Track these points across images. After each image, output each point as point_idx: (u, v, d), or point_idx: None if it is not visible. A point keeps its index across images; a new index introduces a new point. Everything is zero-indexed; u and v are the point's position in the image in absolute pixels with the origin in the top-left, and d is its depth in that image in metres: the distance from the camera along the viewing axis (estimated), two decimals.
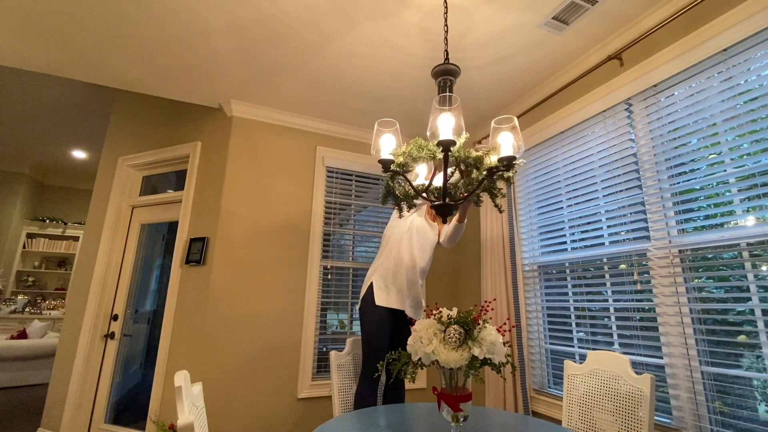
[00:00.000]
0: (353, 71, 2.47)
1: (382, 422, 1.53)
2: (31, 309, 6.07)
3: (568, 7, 1.88)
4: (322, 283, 2.96)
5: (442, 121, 1.35)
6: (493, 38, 2.11)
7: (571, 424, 1.77)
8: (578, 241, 2.27)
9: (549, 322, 2.44)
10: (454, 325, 1.23)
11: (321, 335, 2.90)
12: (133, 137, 3.38)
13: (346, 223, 3.27)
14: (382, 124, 1.45)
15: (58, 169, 6.25)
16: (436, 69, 1.59)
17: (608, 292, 2.07)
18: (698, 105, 1.73)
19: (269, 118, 3.01)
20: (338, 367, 2.16)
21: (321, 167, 3.12)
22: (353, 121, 3.17)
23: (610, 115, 2.14)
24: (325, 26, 2.08)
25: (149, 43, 2.24)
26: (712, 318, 1.65)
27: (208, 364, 2.49)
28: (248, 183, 2.87)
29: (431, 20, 1.98)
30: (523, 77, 2.49)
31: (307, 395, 2.71)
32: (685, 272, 1.74)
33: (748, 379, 1.50)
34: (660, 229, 1.83)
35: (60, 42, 2.24)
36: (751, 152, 1.55)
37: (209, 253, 2.69)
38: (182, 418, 1.11)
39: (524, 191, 2.70)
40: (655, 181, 1.87)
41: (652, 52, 1.92)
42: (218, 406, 2.47)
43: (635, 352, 1.91)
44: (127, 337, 3.09)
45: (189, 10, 1.96)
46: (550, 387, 2.40)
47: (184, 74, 2.56)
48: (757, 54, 1.55)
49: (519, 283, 2.54)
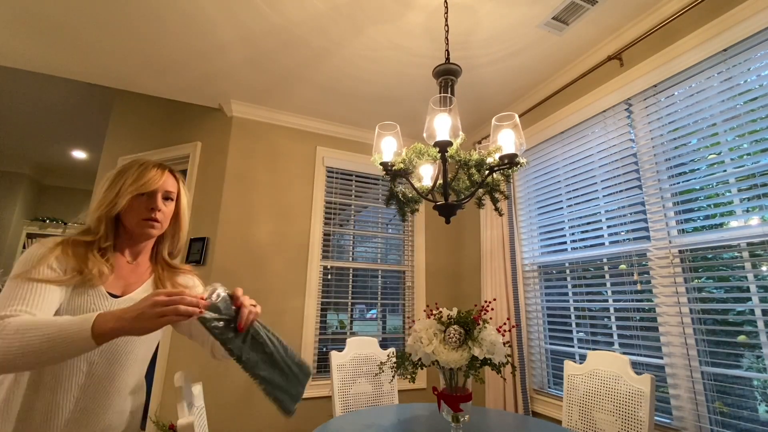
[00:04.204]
0: (361, 74, 2.50)
1: (382, 422, 1.53)
2: None
3: (568, 7, 1.88)
4: (322, 283, 2.96)
5: (438, 122, 1.35)
6: (497, 36, 2.11)
7: (571, 424, 1.77)
8: (578, 241, 2.27)
9: (549, 322, 2.44)
10: (454, 326, 1.23)
11: (321, 335, 2.90)
12: (133, 137, 3.38)
13: (346, 223, 3.27)
14: (383, 128, 1.45)
15: (58, 169, 6.24)
16: (437, 69, 1.59)
17: (608, 292, 2.07)
18: (698, 105, 1.73)
19: (269, 118, 3.01)
20: (338, 367, 2.16)
21: (321, 167, 3.12)
22: (354, 122, 3.18)
23: (610, 115, 2.14)
24: (332, 33, 2.11)
25: (149, 43, 2.24)
26: (712, 318, 1.65)
27: (208, 365, 2.49)
28: (248, 183, 2.87)
29: (436, 20, 1.99)
30: (524, 77, 2.49)
31: (307, 395, 2.71)
32: (685, 272, 1.74)
33: (748, 379, 1.50)
34: (660, 229, 1.83)
35: (60, 42, 2.24)
36: (751, 152, 1.55)
37: (209, 253, 2.69)
38: (182, 418, 1.11)
39: (524, 191, 2.70)
40: (655, 181, 1.87)
41: (652, 52, 1.93)
42: (218, 406, 2.47)
43: (635, 352, 1.91)
44: None
45: (189, 5, 1.97)
46: (550, 387, 2.40)
47: (184, 74, 2.56)
48: (757, 54, 1.55)
49: (519, 283, 2.54)
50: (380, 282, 3.20)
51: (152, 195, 1.00)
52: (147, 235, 1.01)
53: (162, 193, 1.02)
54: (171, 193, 1.05)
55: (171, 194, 1.05)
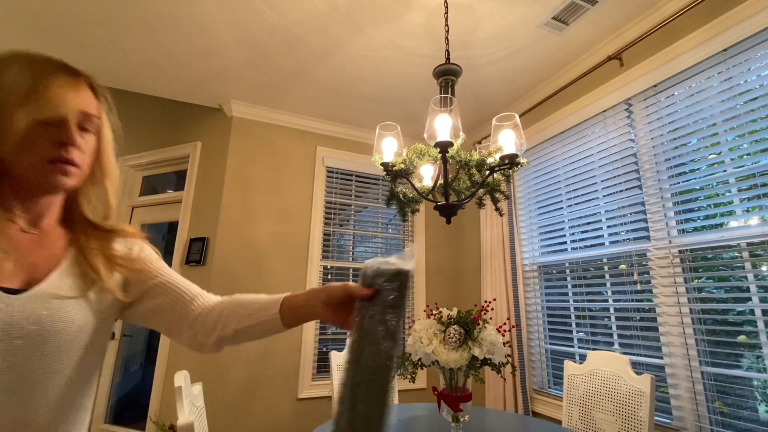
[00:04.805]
0: (361, 74, 2.49)
1: None
2: None
3: (568, 7, 1.88)
4: (322, 283, 2.96)
5: (439, 122, 1.35)
6: (497, 36, 2.11)
7: (571, 424, 1.77)
8: (578, 241, 2.27)
9: (549, 322, 2.44)
10: (454, 326, 1.23)
11: (321, 335, 2.90)
12: (133, 137, 3.38)
13: (346, 223, 3.27)
14: (384, 128, 1.46)
15: None
16: (437, 69, 1.60)
17: (608, 292, 2.07)
18: (698, 105, 1.73)
19: (269, 118, 3.01)
20: (338, 367, 2.16)
21: (321, 167, 3.12)
22: (354, 122, 3.18)
23: (610, 115, 2.14)
24: (333, 33, 2.11)
25: (149, 43, 2.24)
26: (712, 318, 1.65)
27: (208, 365, 2.49)
28: (248, 183, 2.87)
29: (436, 20, 1.99)
30: (524, 77, 2.49)
31: (307, 395, 2.71)
32: (685, 272, 1.74)
33: (748, 379, 1.50)
34: (660, 229, 1.83)
35: (60, 42, 2.24)
36: (751, 152, 1.55)
37: (209, 253, 2.69)
38: (182, 418, 1.11)
39: (524, 191, 2.70)
40: (655, 181, 1.87)
41: (651, 52, 1.93)
42: (218, 406, 2.47)
43: (635, 352, 1.91)
44: (127, 337, 3.08)
45: (189, 5, 1.97)
46: (550, 387, 2.40)
47: (184, 74, 2.56)
48: (757, 54, 1.55)
49: (519, 283, 2.54)
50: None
51: (62, 124, 0.59)
52: (54, 186, 0.60)
53: (77, 118, 0.61)
54: (91, 118, 0.64)
55: (91, 120, 0.64)
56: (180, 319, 0.72)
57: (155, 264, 0.73)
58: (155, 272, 0.72)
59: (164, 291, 0.71)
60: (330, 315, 0.67)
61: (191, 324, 0.71)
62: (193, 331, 0.71)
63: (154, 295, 0.70)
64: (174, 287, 0.73)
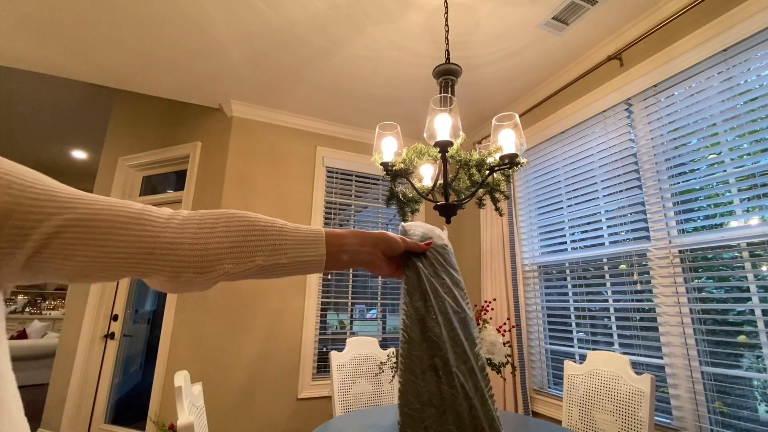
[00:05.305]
0: (361, 74, 2.49)
1: (382, 422, 1.53)
2: (31, 309, 6.07)
3: (568, 7, 1.88)
4: (322, 283, 2.96)
5: (439, 122, 1.35)
6: (497, 36, 2.11)
7: (571, 424, 1.77)
8: (578, 241, 2.27)
9: (549, 322, 2.44)
10: None
11: (321, 335, 2.90)
12: (133, 137, 3.38)
13: (346, 223, 3.27)
14: (383, 128, 1.46)
15: (58, 169, 6.24)
16: (437, 69, 1.59)
17: (608, 292, 2.07)
18: (698, 105, 1.73)
19: (269, 118, 3.01)
20: (338, 367, 2.16)
21: (321, 167, 3.12)
22: (354, 122, 3.18)
23: (610, 115, 2.14)
24: (332, 33, 2.11)
25: (149, 43, 2.24)
26: (712, 318, 1.65)
27: (208, 365, 2.49)
28: (248, 183, 2.86)
29: (436, 20, 1.99)
30: (524, 77, 2.49)
31: (307, 395, 2.71)
32: (685, 272, 1.74)
33: (748, 379, 1.50)
34: (660, 229, 1.83)
35: (61, 42, 2.24)
36: (751, 152, 1.55)
37: None
38: (182, 418, 1.11)
39: (524, 191, 2.70)
40: (655, 181, 1.87)
41: (651, 52, 1.93)
42: (218, 406, 2.47)
43: (635, 352, 1.91)
44: (127, 338, 3.09)
45: (189, 5, 1.97)
46: (550, 387, 2.40)
47: (184, 74, 2.56)
48: (757, 54, 1.55)
49: (519, 283, 2.54)
50: (380, 282, 3.20)
51: None
52: None
53: None
54: None
55: None
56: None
57: None
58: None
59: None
60: (385, 266, 0.66)
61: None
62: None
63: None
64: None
